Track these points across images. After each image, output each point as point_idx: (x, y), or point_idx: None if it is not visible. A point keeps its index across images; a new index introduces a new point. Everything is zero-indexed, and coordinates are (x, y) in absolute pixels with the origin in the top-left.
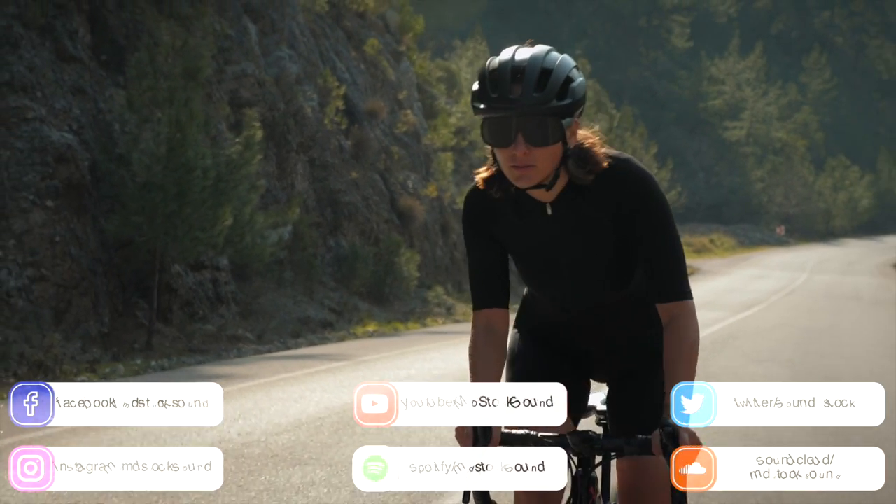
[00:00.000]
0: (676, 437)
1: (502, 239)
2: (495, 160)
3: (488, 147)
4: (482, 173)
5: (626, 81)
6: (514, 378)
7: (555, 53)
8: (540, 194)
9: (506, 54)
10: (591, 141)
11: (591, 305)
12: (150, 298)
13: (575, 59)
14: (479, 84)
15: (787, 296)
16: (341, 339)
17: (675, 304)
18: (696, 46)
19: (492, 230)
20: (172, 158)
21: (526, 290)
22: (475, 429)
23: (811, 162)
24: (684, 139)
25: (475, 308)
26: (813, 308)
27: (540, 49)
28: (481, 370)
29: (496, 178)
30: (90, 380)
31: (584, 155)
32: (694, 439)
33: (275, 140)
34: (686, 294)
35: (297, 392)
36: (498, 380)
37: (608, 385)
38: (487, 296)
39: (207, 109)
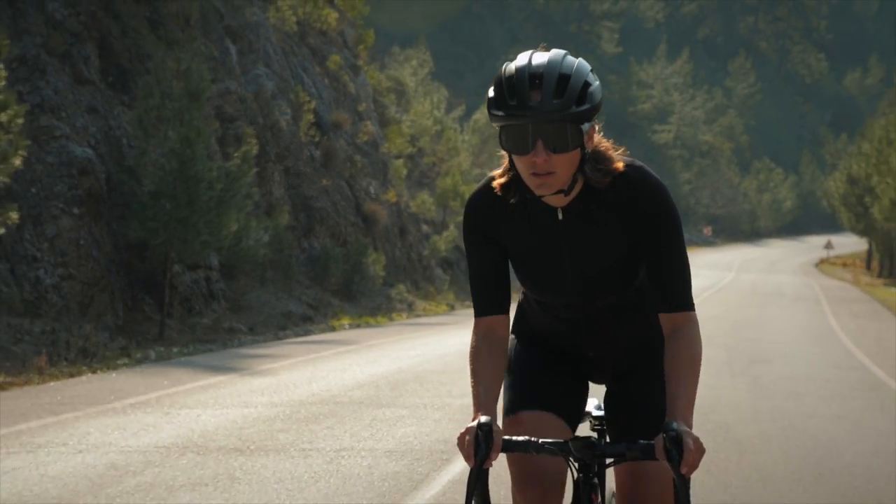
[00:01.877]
0: (681, 442)
1: (507, 244)
2: (512, 166)
3: (504, 153)
4: (498, 179)
5: None
6: (513, 385)
7: (570, 58)
8: (554, 199)
9: (522, 60)
10: (604, 145)
11: (592, 309)
12: (158, 295)
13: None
14: (496, 91)
15: (716, 293)
16: (323, 331)
17: (680, 314)
18: (625, 52)
19: (495, 235)
20: (183, 171)
21: (522, 295)
22: (477, 436)
23: (737, 164)
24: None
25: (477, 315)
26: (741, 303)
27: (556, 54)
28: (483, 376)
29: (513, 184)
30: (129, 365)
31: (599, 158)
32: (697, 443)
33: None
34: (690, 305)
35: (335, 366)
36: (499, 385)
37: (607, 387)
38: (489, 303)
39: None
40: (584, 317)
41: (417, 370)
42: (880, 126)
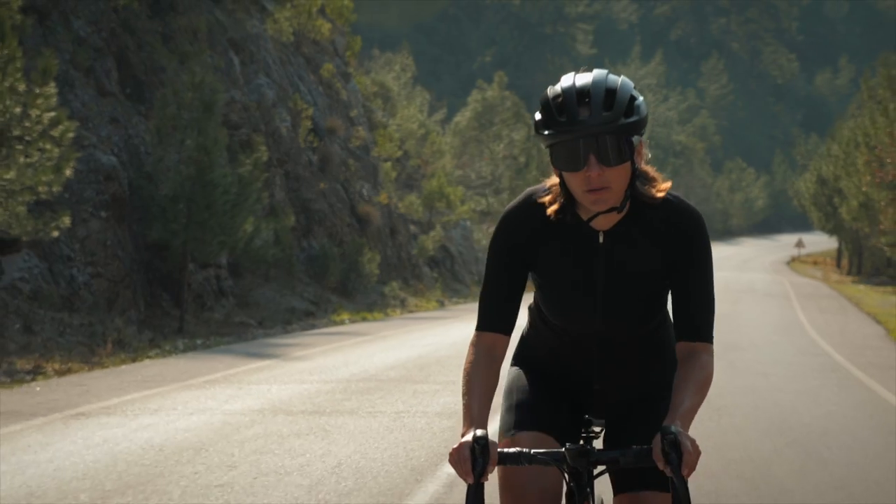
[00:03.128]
0: (679, 445)
1: (540, 266)
2: (563, 187)
3: (552, 177)
4: (549, 203)
5: (533, 87)
6: (511, 408)
7: (613, 75)
8: (602, 222)
9: (566, 81)
10: (648, 168)
11: (611, 339)
12: (174, 291)
13: (483, 65)
14: (544, 112)
15: None
16: (326, 326)
17: (700, 344)
18: (600, 53)
19: (528, 255)
20: (200, 177)
21: (529, 325)
22: (473, 449)
23: (709, 164)
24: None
25: (480, 329)
26: (715, 299)
27: (599, 72)
28: (477, 391)
29: (567, 208)
30: (161, 355)
31: (647, 177)
32: (695, 446)
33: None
34: (711, 337)
35: (362, 353)
36: (490, 402)
37: (605, 426)
38: (497, 320)
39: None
40: (600, 347)
41: (436, 356)
42: (849, 128)
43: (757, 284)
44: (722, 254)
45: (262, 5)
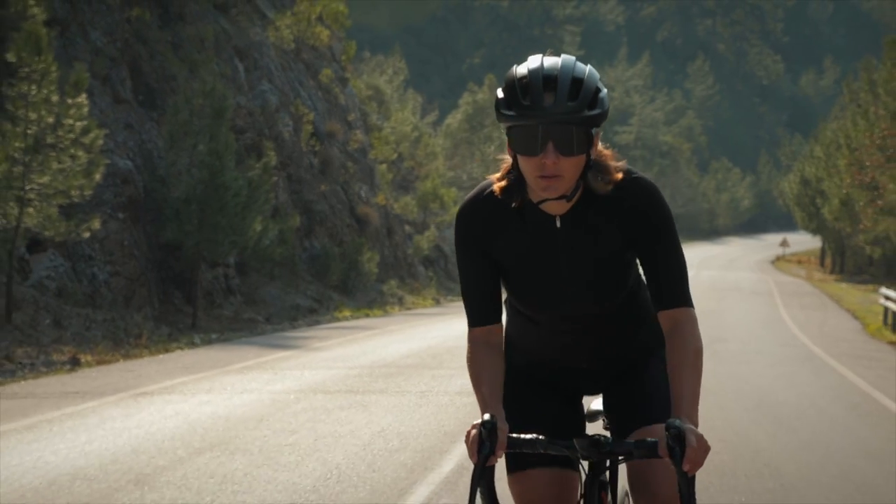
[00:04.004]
0: (683, 439)
1: (499, 254)
2: (514, 168)
3: (505, 156)
4: (498, 182)
5: None
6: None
7: (581, 64)
8: (554, 206)
9: (533, 62)
10: (605, 153)
11: (587, 317)
12: (186, 289)
13: (472, 67)
14: (507, 91)
15: None
16: (329, 322)
17: (680, 310)
18: (587, 55)
19: (488, 246)
20: (213, 180)
21: (507, 319)
22: (481, 432)
23: (696, 164)
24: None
25: (472, 325)
26: (702, 297)
27: (567, 58)
28: (485, 378)
29: (513, 187)
30: (181, 348)
31: (600, 167)
32: (701, 441)
33: (261, 159)
34: (689, 301)
35: (376, 344)
36: (501, 383)
37: (603, 393)
38: (485, 314)
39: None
40: (579, 326)
41: (445, 346)
42: (831, 130)
43: (742, 283)
44: (708, 253)
45: (263, 13)
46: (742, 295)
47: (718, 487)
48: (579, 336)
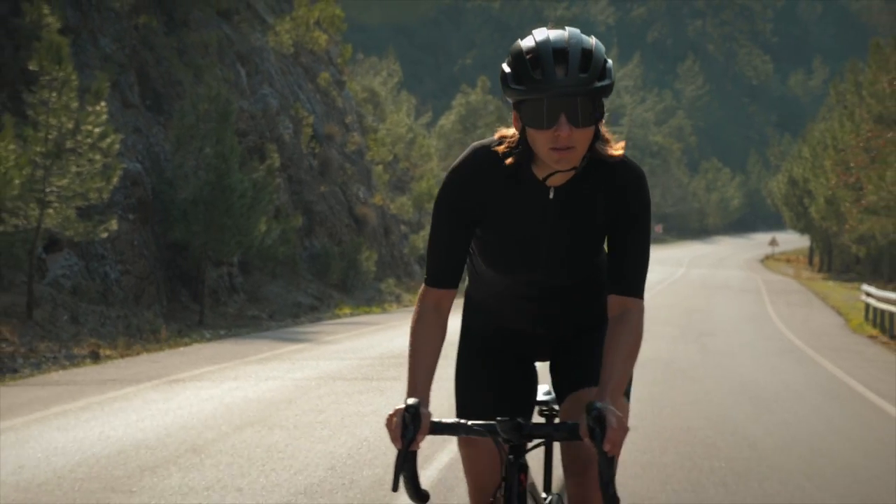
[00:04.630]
0: (604, 421)
1: (486, 220)
2: (523, 143)
3: (503, 129)
4: (506, 157)
5: None
6: (462, 402)
7: (586, 36)
8: (557, 178)
9: (540, 35)
10: (602, 128)
11: (552, 286)
12: (192, 287)
13: (464, 67)
14: (516, 65)
15: (669, 286)
16: (331, 319)
17: (631, 299)
18: None
19: (475, 209)
20: (220, 182)
21: (471, 285)
22: (404, 417)
23: (686, 164)
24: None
25: (429, 284)
26: (691, 295)
27: (574, 31)
28: (422, 355)
29: (522, 161)
30: (196, 341)
31: (605, 139)
32: (621, 423)
33: (264, 161)
34: (641, 292)
35: (382, 338)
36: (435, 364)
37: (551, 359)
38: (446, 275)
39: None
40: (544, 294)
41: (449, 340)
42: (818, 131)
43: (732, 281)
44: (698, 252)
45: (263, 19)
46: (731, 292)
47: (702, 454)
48: (541, 303)
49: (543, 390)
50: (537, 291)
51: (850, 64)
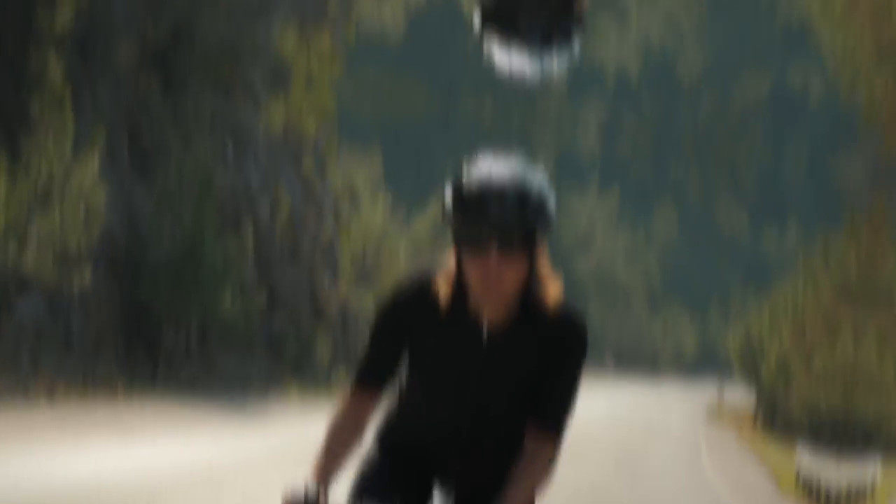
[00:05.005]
0: None
1: (418, 341)
2: (458, 275)
3: (450, 256)
4: (444, 287)
5: None
6: (358, 483)
7: (530, 172)
8: (491, 315)
9: (482, 171)
10: (546, 269)
11: (479, 422)
12: (154, 346)
13: (447, 171)
14: (455, 195)
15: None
16: (279, 397)
17: (549, 433)
18: (557, 181)
19: (412, 329)
20: (193, 250)
21: (395, 403)
22: (306, 497)
23: (647, 303)
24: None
25: (359, 381)
26: (627, 439)
27: (515, 167)
28: (337, 450)
29: (456, 294)
30: (148, 397)
31: (542, 282)
32: None
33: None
34: (562, 431)
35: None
36: (347, 454)
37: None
38: (376, 379)
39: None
40: (464, 433)
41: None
42: (781, 295)
43: (672, 429)
44: (646, 397)
45: (256, 98)
46: (668, 441)
47: None
48: (460, 442)
49: None
50: (461, 430)
51: (822, 238)
